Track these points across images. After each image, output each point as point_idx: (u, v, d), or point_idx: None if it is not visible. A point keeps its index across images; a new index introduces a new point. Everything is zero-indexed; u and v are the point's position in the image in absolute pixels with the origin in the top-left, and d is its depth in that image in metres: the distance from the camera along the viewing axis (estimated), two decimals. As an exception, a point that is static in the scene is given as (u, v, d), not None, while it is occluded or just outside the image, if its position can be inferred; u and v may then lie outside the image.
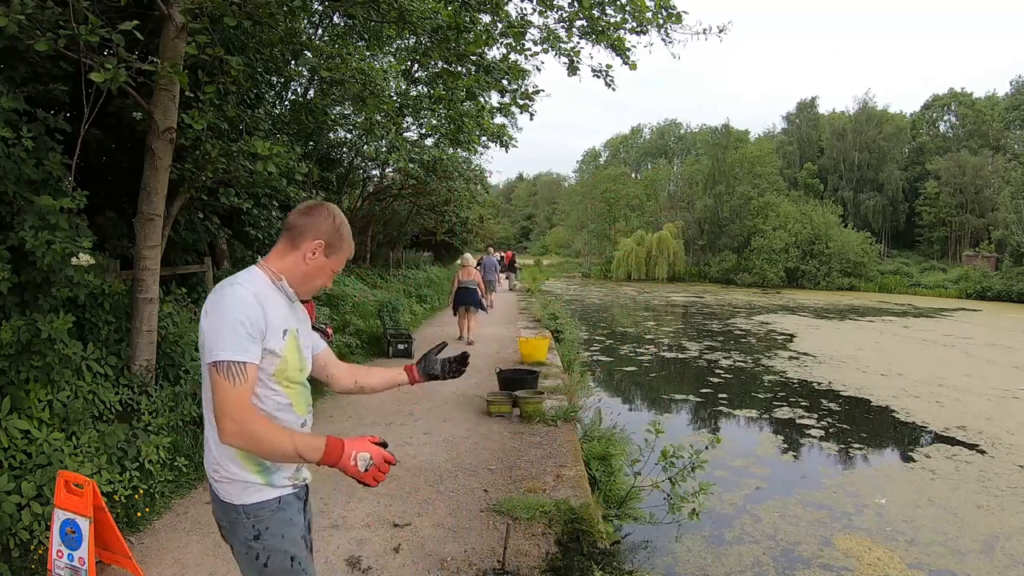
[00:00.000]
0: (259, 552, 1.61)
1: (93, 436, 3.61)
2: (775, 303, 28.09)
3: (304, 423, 1.72)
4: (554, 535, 3.61)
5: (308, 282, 1.72)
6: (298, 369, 1.68)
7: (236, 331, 1.48)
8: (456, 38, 5.17)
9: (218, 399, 1.47)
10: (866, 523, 5.26)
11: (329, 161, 13.86)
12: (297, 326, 1.71)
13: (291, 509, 1.66)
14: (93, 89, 3.67)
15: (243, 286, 1.55)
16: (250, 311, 1.51)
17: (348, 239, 1.76)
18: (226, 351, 1.47)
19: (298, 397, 1.69)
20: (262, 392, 1.59)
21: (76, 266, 3.46)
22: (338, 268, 1.78)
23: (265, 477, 1.61)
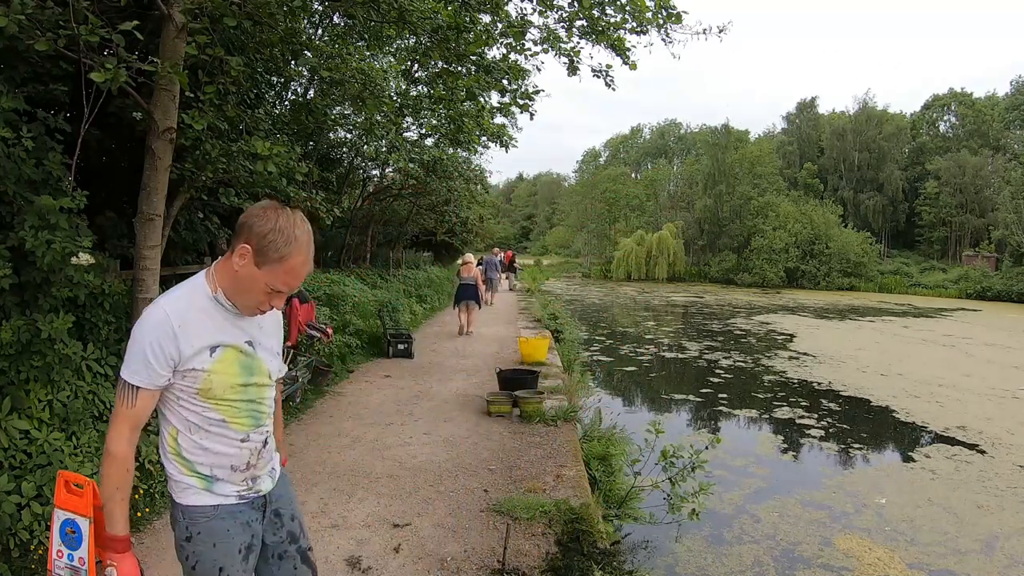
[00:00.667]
0: (189, 554, 1.61)
1: (93, 436, 3.61)
2: (775, 303, 28.09)
3: (245, 438, 1.63)
4: (554, 535, 3.61)
5: (240, 294, 1.54)
6: (230, 386, 1.58)
7: (136, 355, 1.49)
8: (456, 38, 5.17)
9: (113, 409, 1.53)
10: (866, 523, 5.26)
11: (329, 161, 13.86)
12: (245, 339, 1.61)
13: (231, 520, 1.62)
14: (93, 89, 3.67)
15: (162, 310, 1.51)
16: (156, 337, 1.48)
17: (285, 249, 1.48)
18: (126, 370, 1.51)
19: (236, 413, 1.60)
20: (189, 407, 1.57)
21: (76, 266, 3.46)
22: (275, 285, 1.51)
23: (204, 483, 1.60)
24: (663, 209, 52.27)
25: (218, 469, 1.61)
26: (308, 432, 5.46)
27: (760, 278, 39.87)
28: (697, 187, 49.63)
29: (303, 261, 1.53)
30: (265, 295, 1.54)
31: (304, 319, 7.38)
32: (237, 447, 1.62)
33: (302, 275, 1.56)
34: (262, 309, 1.58)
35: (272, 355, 1.72)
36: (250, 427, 1.65)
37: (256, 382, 1.64)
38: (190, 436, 1.59)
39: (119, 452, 1.52)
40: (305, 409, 6.15)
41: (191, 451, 1.59)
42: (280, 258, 1.49)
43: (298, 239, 1.51)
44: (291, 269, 1.51)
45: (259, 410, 1.67)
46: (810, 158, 51.49)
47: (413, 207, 17.75)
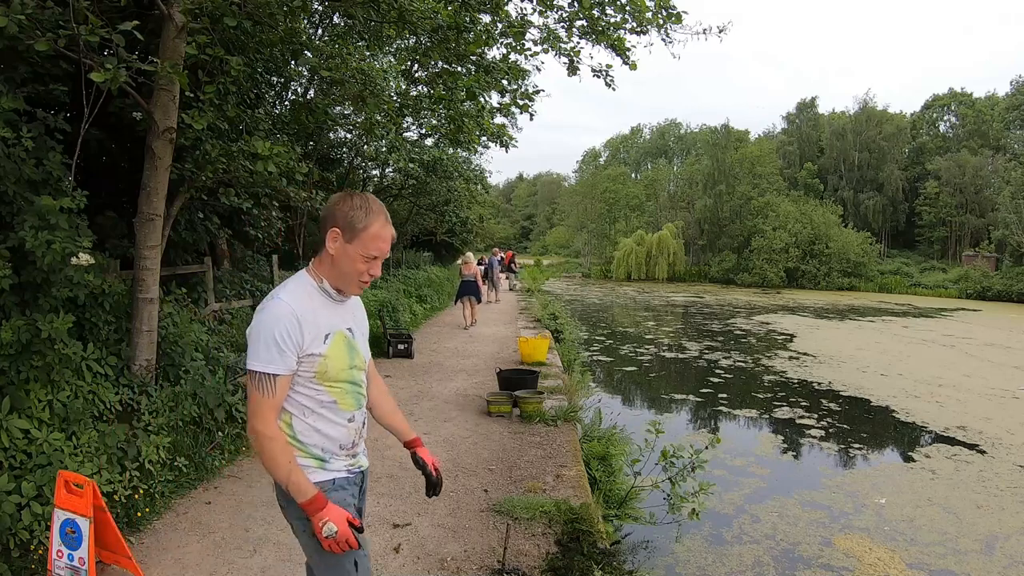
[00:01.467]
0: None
1: (93, 436, 3.61)
2: (775, 303, 28.10)
3: (352, 418, 1.80)
4: (554, 535, 3.61)
5: (341, 275, 1.73)
6: (343, 368, 1.75)
7: (270, 346, 1.63)
8: (456, 38, 5.17)
9: (249, 402, 1.66)
10: (866, 523, 5.26)
11: (329, 161, 13.86)
12: (347, 326, 1.79)
13: (343, 491, 1.79)
14: (93, 89, 3.67)
15: (283, 302, 1.66)
16: (284, 326, 1.63)
17: (370, 217, 1.69)
18: (258, 362, 1.63)
19: (344, 395, 1.77)
20: (304, 391, 1.72)
21: (76, 266, 3.46)
22: (370, 251, 1.70)
23: (318, 462, 1.75)
24: (663, 209, 52.25)
25: (329, 451, 1.76)
26: (308, 432, 5.45)
27: (760, 278, 39.86)
28: (697, 187, 49.61)
29: (383, 223, 1.72)
30: (364, 264, 1.71)
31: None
32: (345, 427, 1.78)
33: (387, 236, 1.73)
34: (364, 280, 1.74)
35: (365, 341, 1.90)
36: (355, 407, 1.81)
37: (357, 365, 1.81)
38: (304, 419, 1.73)
39: (276, 434, 1.66)
40: (305, 409, 6.15)
41: (305, 433, 1.73)
42: (364, 227, 1.69)
43: (373, 209, 1.71)
44: (376, 234, 1.70)
45: (360, 392, 1.84)
46: (810, 158, 51.46)
47: (413, 207, 17.75)
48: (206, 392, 4.70)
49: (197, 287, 6.79)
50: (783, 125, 57.46)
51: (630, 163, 64.98)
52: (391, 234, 1.76)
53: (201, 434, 4.54)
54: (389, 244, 1.75)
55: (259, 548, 3.37)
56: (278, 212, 8.39)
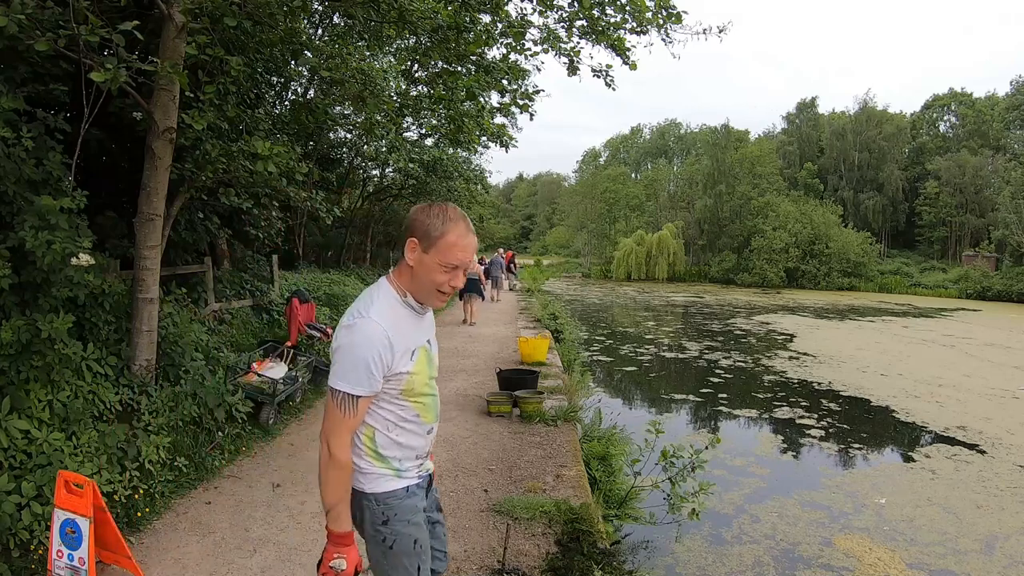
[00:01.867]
0: (386, 535, 1.74)
1: (93, 436, 3.61)
2: (775, 303, 28.10)
3: (431, 430, 1.83)
4: (554, 535, 3.61)
5: (421, 287, 1.69)
6: (425, 382, 1.76)
7: (357, 367, 1.61)
8: (456, 38, 5.17)
9: (327, 418, 1.66)
10: (866, 523, 5.26)
11: (329, 161, 13.87)
12: (427, 338, 1.79)
13: (416, 498, 1.80)
14: (93, 89, 3.67)
15: (376, 323, 1.62)
16: (377, 349, 1.61)
17: (442, 227, 1.63)
18: (344, 383, 1.62)
19: (425, 408, 1.78)
20: (389, 407, 1.72)
21: (76, 266, 3.46)
22: (449, 260, 1.64)
23: (395, 472, 1.76)
24: (663, 209, 52.24)
25: (406, 460, 1.78)
26: (308, 432, 5.46)
27: (760, 278, 39.86)
28: (697, 187, 49.60)
29: (462, 232, 1.66)
30: (443, 275, 1.66)
31: (304, 319, 7.38)
32: (424, 438, 1.81)
33: (466, 245, 1.67)
34: (444, 292, 1.69)
35: (436, 349, 1.91)
36: (434, 419, 1.84)
37: (434, 375, 1.83)
38: (387, 434, 1.73)
39: (344, 459, 1.66)
40: (305, 409, 6.15)
41: (386, 447, 1.74)
42: (440, 235, 1.64)
43: (450, 216, 1.66)
44: (454, 242, 1.64)
45: (438, 401, 1.86)
46: (810, 158, 51.44)
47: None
48: (206, 392, 4.70)
49: (197, 287, 6.79)
50: (783, 125, 57.47)
51: (630, 163, 64.96)
52: (472, 243, 1.69)
53: (201, 434, 4.54)
54: (470, 253, 1.68)
55: (259, 548, 3.37)
56: (278, 212, 8.39)
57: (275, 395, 5.39)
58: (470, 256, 1.68)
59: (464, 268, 1.69)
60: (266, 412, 5.35)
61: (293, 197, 6.56)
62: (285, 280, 9.41)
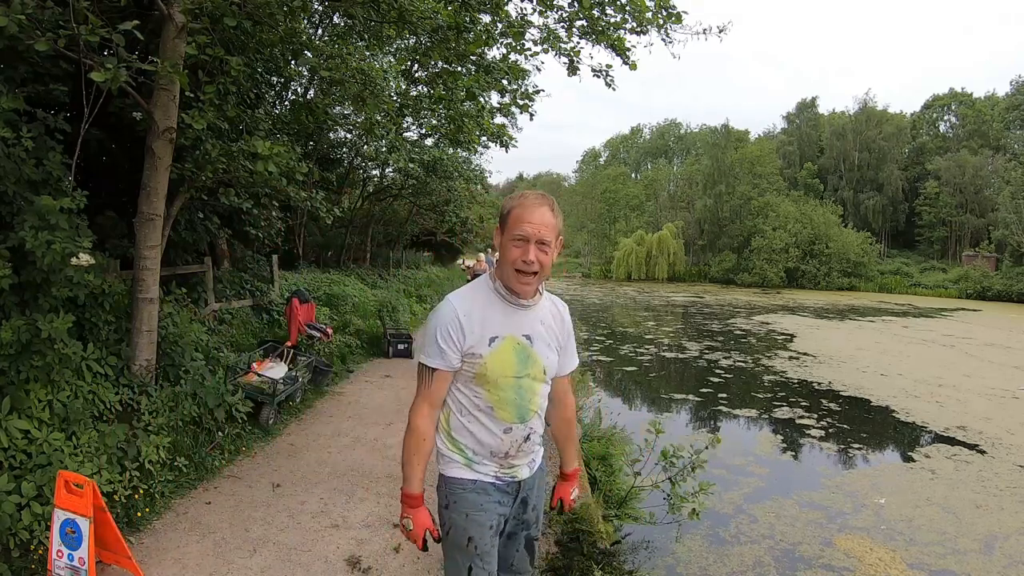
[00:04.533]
0: (445, 520, 1.80)
1: (93, 436, 3.61)
2: (775, 303, 28.09)
3: (509, 429, 1.77)
4: (554, 535, 3.61)
5: (504, 269, 1.72)
6: (507, 375, 1.73)
7: (432, 341, 1.73)
8: (456, 38, 5.17)
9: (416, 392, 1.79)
10: (866, 523, 5.26)
11: (329, 161, 13.87)
12: (524, 332, 1.76)
13: (485, 496, 1.79)
14: (93, 89, 3.67)
15: (450, 303, 1.74)
16: (445, 325, 1.71)
17: (511, 204, 1.71)
18: (422, 355, 1.76)
19: (503, 403, 1.75)
20: (465, 390, 1.77)
21: (76, 266, 3.46)
22: (516, 232, 1.66)
23: (466, 459, 1.80)
24: (663, 209, 52.26)
25: (480, 454, 1.79)
26: (308, 432, 5.46)
27: (760, 278, 39.87)
28: (697, 187, 49.64)
29: (528, 205, 1.68)
30: (516, 250, 1.67)
31: (304, 319, 7.38)
32: (499, 437, 1.77)
33: (533, 219, 1.66)
34: (519, 268, 1.67)
35: (551, 351, 1.83)
36: (514, 419, 1.77)
37: (529, 374, 1.77)
38: (459, 416, 1.79)
39: (419, 425, 1.76)
40: (305, 409, 6.15)
41: (458, 430, 1.80)
42: (509, 211, 1.71)
43: (522, 195, 1.73)
44: (519, 215, 1.67)
45: (527, 405, 1.78)
46: (810, 158, 51.46)
47: (413, 207, 17.76)
48: (206, 392, 4.70)
49: (197, 287, 6.79)
50: (783, 125, 57.53)
51: (630, 163, 64.99)
52: (543, 217, 1.66)
53: (201, 434, 4.54)
54: (540, 226, 1.65)
55: (259, 548, 3.37)
56: (278, 212, 8.39)
57: (275, 395, 5.39)
58: (539, 228, 1.65)
59: (534, 240, 1.65)
60: (266, 412, 5.35)
61: (293, 197, 6.56)
62: (285, 280, 9.41)
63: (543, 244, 1.67)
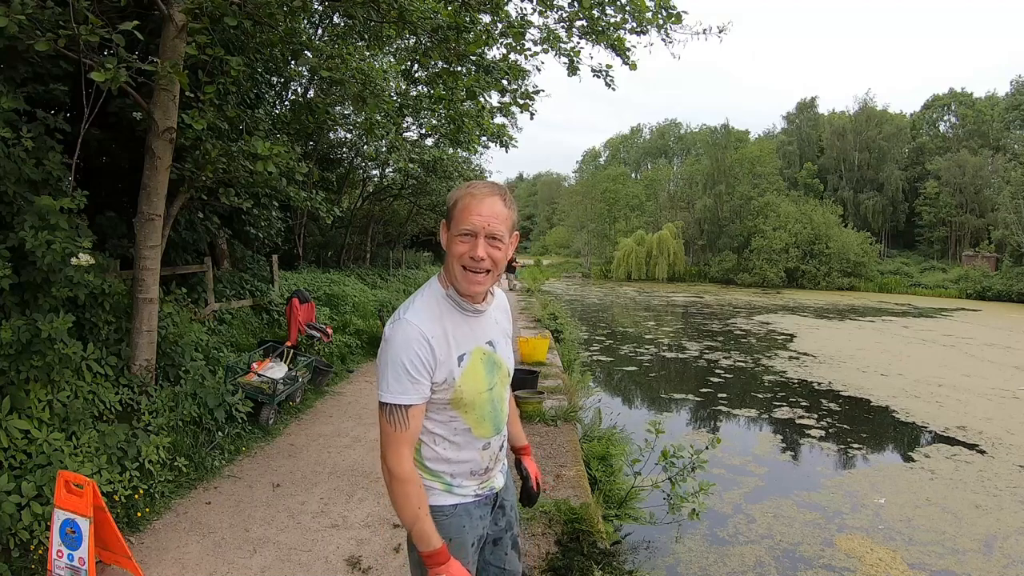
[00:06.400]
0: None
1: (93, 436, 3.61)
2: (775, 303, 28.09)
3: (487, 445, 1.66)
4: (554, 535, 3.61)
5: (453, 270, 1.52)
6: (480, 391, 1.59)
7: (399, 375, 1.47)
8: (456, 38, 5.16)
9: (381, 436, 1.51)
10: (866, 523, 5.26)
11: (329, 161, 13.87)
12: (487, 339, 1.63)
13: (467, 517, 1.66)
14: (93, 89, 3.67)
15: (410, 323, 1.49)
16: (413, 350, 1.47)
17: (458, 194, 1.50)
18: (389, 394, 1.48)
19: (480, 421, 1.62)
20: (437, 417, 1.58)
21: (76, 266, 3.46)
22: (463, 226, 1.47)
23: (445, 486, 1.64)
24: (663, 209, 52.23)
25: (459, 476, 1.64)
26: (308, 432, 5.46)
27: (760, 278, 39.86)
28: (697, 187, 49.60)
29: (475, 195, 1.48)
30: (463, 246, 1.48)
31: (304, 319, 7.38)
32: (478, 454, 1.64)
33: (481, 210, 1.47)
34: (466, 266, 1.50)
35: (508, 347, 1.73)
36: (492, 433, 1.66)
37: (498, 382, 1.66)
38: (433, 447, 1.60)
39: (409, 474, 1.51)
40: (305, 409, 6.15)
41: (434, 460, 1.62)
42: (455, 203, 1.50)
43: (470, 184, 1.52)
44: (467, 204, 1.48)
45: (499, 415, 1.68)
46: (810, 158, 51.44)
47: (413, 207, 17.75)
48: (206, 392, 4.71)
49: (197, 287, 6.80)
50: (783, 125, 57.48)
51: (630, 163, 65.00)
52: (492, 207, 1.47)
53: (201, 434, 4.54)
54: (490, 218, 1.47)
55: (259, 548, 3.37)
56: (278, 212, 8.39)
57: (275, 395, 5.39)
58: (489, 221, 1.47)
59: (482, 234, 1.47)
60: (266, 412, 5.35)
61: (293, 197, 6.57)
62: (285, 280, 9.41)
63: (494, 239, 1.48)
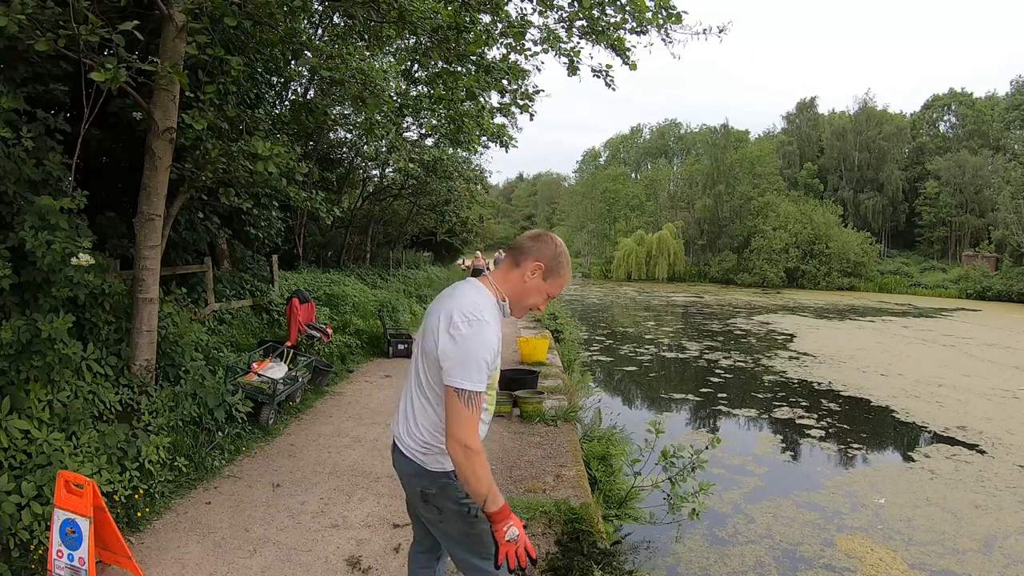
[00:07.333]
0: (470, 506, 1.90)
1: (93, 436, 3.61)
2: (775, 303, 28.09)
3: (489, 420, 2.01)
4: (554, 535, 3.61)
5: (523, 300, 1.94)
6: (497, 379, 1.96)
7: (481, 368, 1.76)
8: (456, 38, 5.16)
9: (453, 418, 1.76)
10: (866, 523, 5.26)
11: (329, 161, 13.87)
12: None
13: None
14: (93, 89, 3.67)
15: (491, 326, 1.79)
16: (493, 350, 1.80)
17: (566, 267, 1.96)
18: (469, 383, 1.74)
19: (491, 400, 1.95)
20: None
21: (76, 266, 3.46)
22: (554, 293, 1.97)
23: None
24: (663, 209, 52.24)
25: None
26: (308, 432, 5.46)
27: (760, 278, 39.87)
28: (697, 187, 49.62)
29: (567, 271, 1.98)
30: (543, 300, 1.97)
31: (304, 319, 7.38)
32: (486, 426, 1.97)
33: (566, 282, 2.01)
34: (532, 306, 1.98)
35: None
36: (493, 409, 2.00)
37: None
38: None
39: (481, 447, 1.79)
40: (305, 409, 6.15)
41: None
42: (561, 274, 1.96)
43: (569, 260, 1.99)
44: (564, 280, 1.98)
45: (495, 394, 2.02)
46: (810, 158, 51.45)
47: (413, 207, 17.75)
48: (206, 392, 4.70)
49: (197, 287, 6.80)
50: (783, 125, 57.50)
51: (630, 163, 64.98)
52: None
53: (201, 434, 4.54)
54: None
55: (259, 548, 3.37)
56: (278, 212, 8.39)
57: (275, 395, 5.39)
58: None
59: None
60: (266, 412, 5.35)
61: (293, 197, 6.56)
62: (285, 280, 9.41)
63: None
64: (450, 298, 1.87)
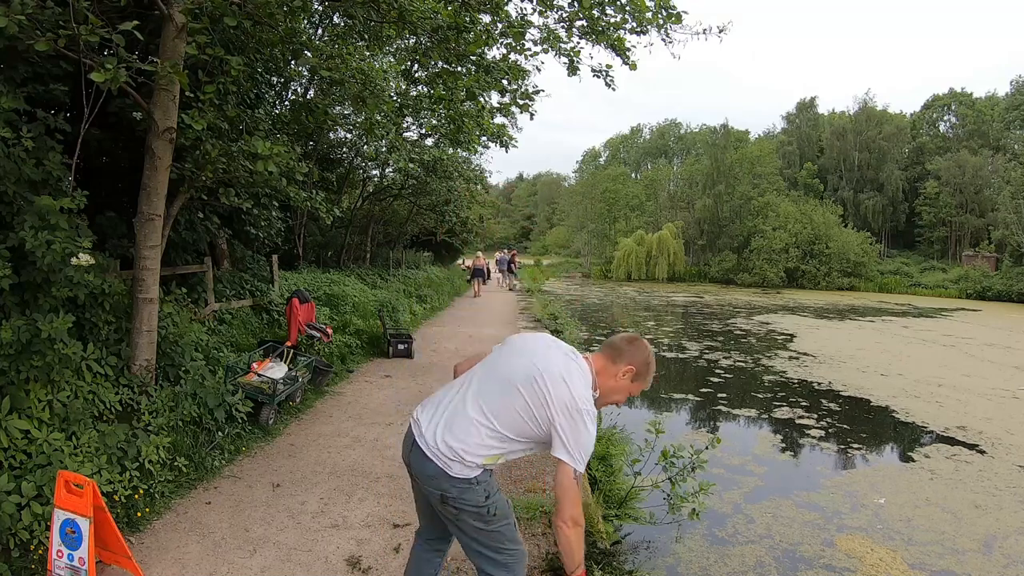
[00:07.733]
0: (490, 506, 2.07)
1: (93, 436, 3.61)
2: (775, 303, 28.09)
3: None
4: (554, 535, 3.61)
5: (610, 395, 2.16)
6: None
7: (588, 455, 1.98)
8: (456, 38, 5.16)
9: (567, 495, 1.95)
10: (865, 523, 5.26)
11: (329, 161, 13.88)
12: None
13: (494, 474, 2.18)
14: (93, 89, 3.67)
15: (594, 416, 2.00)
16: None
17: (652, 374, 2.19)
18: (581, 466, 1.95)
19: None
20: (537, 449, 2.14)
21: (76, 266, 3.46)
22: (635, 393, 2.19)
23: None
24: (663, 209, 52.23)
25: None
26: (308, 432, 5.46)
27: (760, 278, 39.86)
28: (697, 187, 49.60)
29: (651, 380, 2.22)
30: (624, 398, 2.20)
31: (304, 319, 7.39)
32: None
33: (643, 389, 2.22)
34: (617, 402, 2.21)
35: None
36: None
37: None
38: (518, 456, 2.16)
39: (580, 527, 2.00)
40: (305, 409, 6.15)
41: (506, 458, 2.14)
42: (646, 379, 2.19)
43: (655, 367, 2.21)
44: (647, 386, 2.22)
45: None
46: (810, 158, 51.46)
47: (413, 207, 17.76)
48: (206, 392, 4.71)
49: (197, 287, 6.80)
50: (783, 125, 57.53)
51: (630, 163, 65.02)
52: None
53: (201, 434, 4.54)
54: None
55: (259, 548, 3.37)
56: (278, 212, 8.39)
57: (275, 395, 5.39)
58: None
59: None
60: (266, 412, 5.35)
61: (293, 197, 6.56)
62: (285, 280, 9.41)
63: None
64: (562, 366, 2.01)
